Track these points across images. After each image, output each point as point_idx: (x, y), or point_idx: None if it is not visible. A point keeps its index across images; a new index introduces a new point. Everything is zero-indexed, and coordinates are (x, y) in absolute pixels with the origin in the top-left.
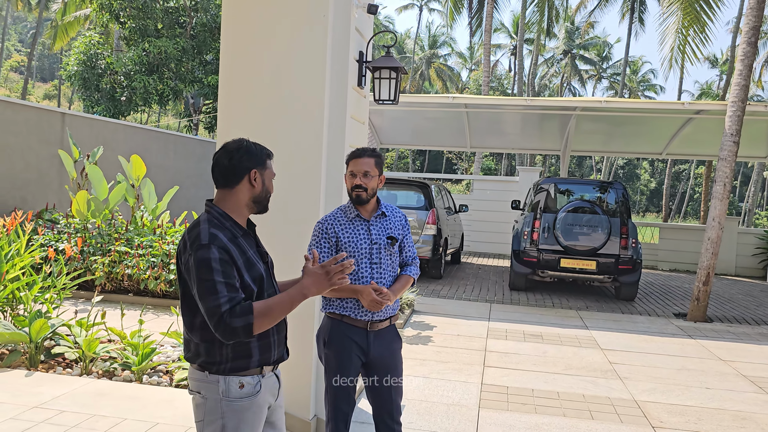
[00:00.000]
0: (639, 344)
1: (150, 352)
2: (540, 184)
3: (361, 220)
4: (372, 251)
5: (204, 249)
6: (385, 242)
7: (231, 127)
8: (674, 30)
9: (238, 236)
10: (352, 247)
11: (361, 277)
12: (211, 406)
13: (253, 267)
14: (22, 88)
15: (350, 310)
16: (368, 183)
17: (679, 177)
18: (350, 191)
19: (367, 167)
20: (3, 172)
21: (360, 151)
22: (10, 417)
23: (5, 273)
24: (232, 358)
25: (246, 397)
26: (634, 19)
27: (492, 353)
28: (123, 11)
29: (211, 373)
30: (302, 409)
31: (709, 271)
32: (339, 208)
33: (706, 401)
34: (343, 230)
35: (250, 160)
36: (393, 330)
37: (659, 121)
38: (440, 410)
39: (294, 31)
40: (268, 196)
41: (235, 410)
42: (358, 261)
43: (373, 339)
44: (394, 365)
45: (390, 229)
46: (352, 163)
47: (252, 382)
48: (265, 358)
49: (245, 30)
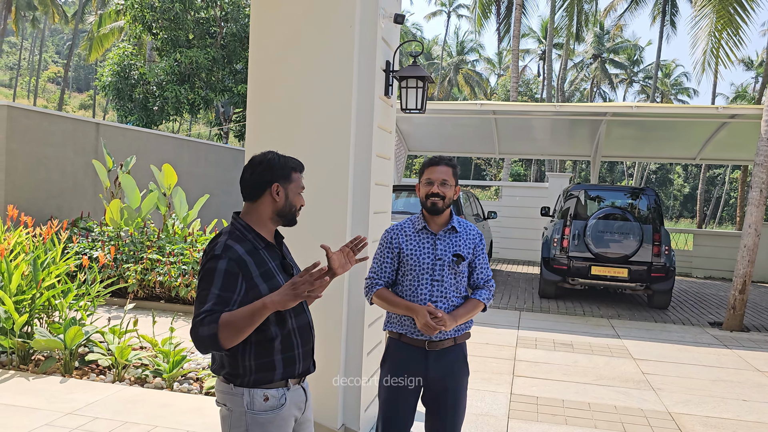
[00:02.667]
0: (673, 354)
1: (181, 359)
2: (570, 191)
3: (427, 233)
4: (435, 267)
5: (214, 260)
6: (450, 259)
7: (259, 136)
8: (707, 33)
9: (259, 248)
10: (414, 261)
11: (420, 294)
12: (236, 419)
13: (272, 279)
14: (58, 99)
15: (407, 328)
16: (446, 192)
17: (714, 182)
18: (425, 199)
19: (445, 176)
20: (40, 182)
21: (437, 159)
22: (44, 423)
23: (41, 281)
24: (256, 370)
25: (270, 410)
26: (666, 21)
27: (521, 362)
28: (155, 23)
29: (236, 385)
30: (330, 419)
31: (745, 279)
32: (409, 218)
33: (743, 414)
34: (408, 242)
35: (273, 173)
36: (459, 350)
37: (692, 125)
38: (469, 420)
39: (321, 41)
40: (293, 210)
41: (260, 423)
42: (419, 276)
43: (434, 360)
44: (454, 391)
45: (459, 246)
46: (428, 171)
47: (277, 395)
48: (290, 371)
49: (273, 41)
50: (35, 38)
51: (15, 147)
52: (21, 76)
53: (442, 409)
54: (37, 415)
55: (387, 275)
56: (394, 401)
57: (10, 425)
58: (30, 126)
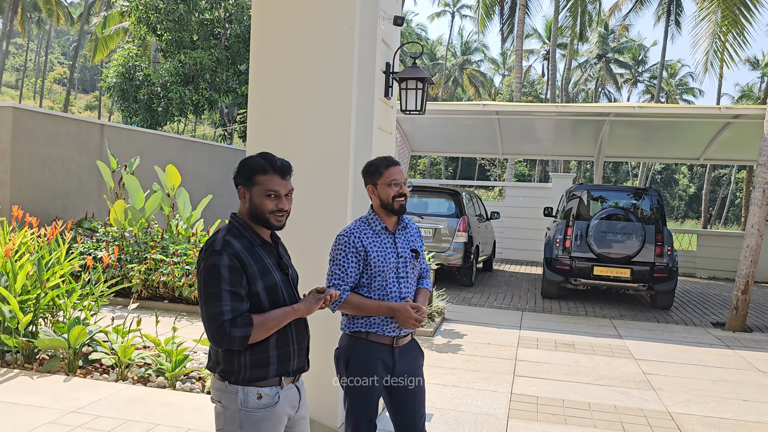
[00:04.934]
0: (674, 354)
1: (183, 358)
2: (572, 191)
3: (387, 233)
4: (398, 265)
5: (215, 255)
6: (410, 255)
7: (260, 138)
8: (709, 33)
9: (256, 245)
10: (382, 262)
11: (390, 293)
12: (230, 416)
13: (268, 275)
14: (64, 100)
15: (377, 327)
16: (406, 191)
17: (720, 182)
18: (391, 201)
19: (404, 176)
20: (45, 183)
21: (393, 160)
22: (48, 421)
23: (46, 281)
24: (251, 367)
25: (264, 408)
26: (671, 21)
27: (522, 362)
28: (160, 24)
29: (231, 383)
30: (330, 417)
31: (748, 279)
32: (360, 220)
33: (743, 414)
34: (371, 243)
35: (240, 176)
36: (415, 343)
37: (696, 126)
38: (469, 420)
39: (321, 43)
40: (260, 213)
41: (254, 421)
42: (386, 276)
43: (399, 355)
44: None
45: (412, 241)
46: (391, 171)
47: (270, 393)
48: (284, 368)
49: (274, 43)
50: (41, 39)
51: (20, 148)
52: (27, 77)
53: (410, 398)
54: (41, 413)
55: (352, 279)
56: (367, 400)
57: (15, 423)
58: (35, 127)
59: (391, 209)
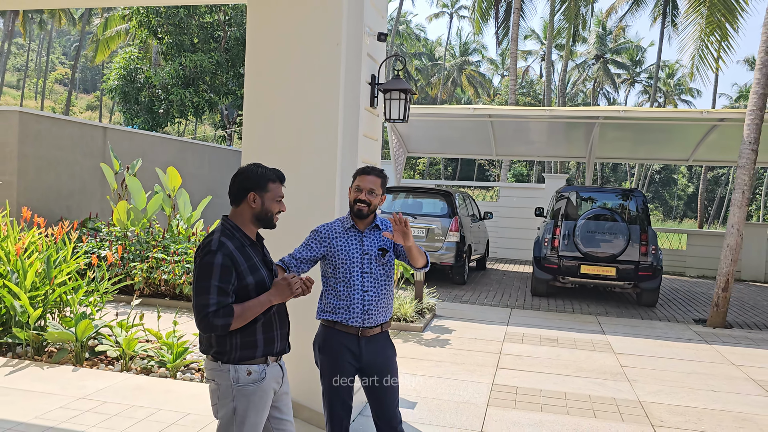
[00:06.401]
0: (653, 349)
1: (183, 351)
2: (561, 192)
3: (355, 231)
4: (363, 261)
5: (211, 254)
6: (376, 253)
7: (253, 144)
8: (696, 38)
9: (245, 245)
10: (344, 256)
11: (353, 285)
12: (224, 391)
13: (257, 272)
14: (66, 100)
15: (341, 316)
16: (372, 200)
17: (718, 181)
18: (352, 204)
19: (373, 185)
20: (50, 184)
21: (369, 168)
22: (59, 406)
23: (54, 278)
24: (240, 348)
25: (253, 383)
26: (667, 23)
27: (506, 356)
28: (161, 28)
29: (223, 362)
30: (316, 402)
31: (728, 277)
32: (338, 219)
33: (709, 403)
34: (338, 239)
35: (250, 183)
36: (385, 337)
37: (684, 128)
38: (450, 407)
39: (310, 57)
40: (269, 215)
41: (245, 394)
42: (350, 269)
43: (365, 345)
44: (387, 370)
45: (382, 241)
46: (359, 179)
47: (258, 370)
48: (269, 349)
49: (266, 57)
50: (42, 40)
51: (26, 151)
52: (28, 77)
53: (380, 389)
54: (52, 399)
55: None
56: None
57: (28, 408)
58: (40, 131)
59: (352, 211)
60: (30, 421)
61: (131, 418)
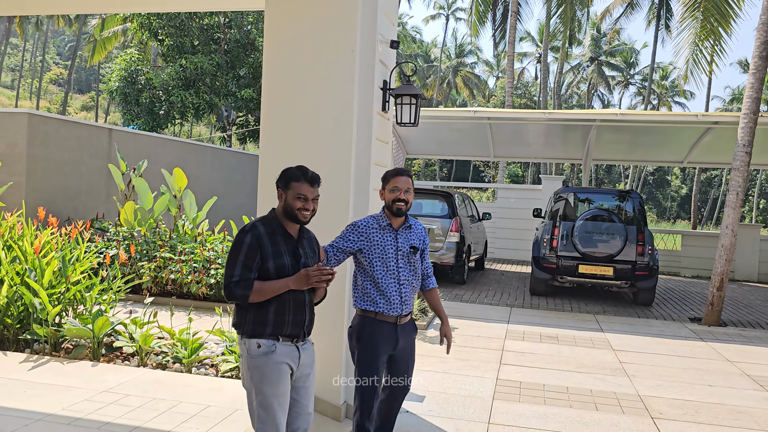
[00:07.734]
0: (651, 346)
1: (198, 347)
2: (559, 193)
3: (390, 229)
4: (398, 256)
5: (243, 234)
6: (408, 250)
7: (271, 146)
8: (690, 42)
9: (277, 234)
10: (380, 251)
11: (390, 278)
12: (243, 362)
13: (280, 258)
14: (62, 100)
15: (382, 307)
16: (409, 198)
17: (711, 183)
18: (391, 204)
19: (408, 185)
20: (58, 184)
21: (401, 170)
22: (84, 399)
23: (69, 276)
24: (252, 323)
25: (263, 355)
26: (660, 26)
27: (509, 352)
28: (161, 29)
29: (240, 335)
30: (333, 396)
31: (722, 277)
32: (372, 217)
33: (706, 397)
34: (375, 235)
35: (280, 181)
36: (412, 321)
37: (679, 131)
38: (457, 401)
39: (326, 64)
40: (291, 210)
41: (257, 365)
42: (387, 263)
43: (401, 331)
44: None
45: (413, 239)
46: (394, 180)
47: (267, 344)
48: (278, 329)
49: (283, 65)
50: (37, 40)
51: (35, 152)
52: (23, 77)
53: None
54: (76, 392)
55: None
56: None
57: (55, 400)
58: (48, 132)
59: (391, 211)
60: (58, 412)
61: (155, 410)
